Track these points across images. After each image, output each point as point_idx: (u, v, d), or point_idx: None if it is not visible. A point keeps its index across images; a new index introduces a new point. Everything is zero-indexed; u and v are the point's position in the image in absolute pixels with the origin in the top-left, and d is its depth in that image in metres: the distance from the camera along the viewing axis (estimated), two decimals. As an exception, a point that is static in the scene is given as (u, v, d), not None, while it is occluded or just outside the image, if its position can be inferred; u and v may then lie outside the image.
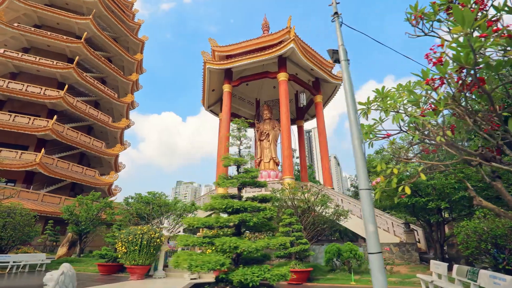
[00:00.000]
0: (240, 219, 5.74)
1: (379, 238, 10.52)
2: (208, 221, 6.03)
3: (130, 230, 10.55)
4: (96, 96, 34.12)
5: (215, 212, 11.67)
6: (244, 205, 6.08)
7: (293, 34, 20.95)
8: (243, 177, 6.82)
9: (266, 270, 4.75)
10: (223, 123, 22.77)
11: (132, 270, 10.44)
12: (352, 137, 3.49)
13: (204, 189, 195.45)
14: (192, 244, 5.87)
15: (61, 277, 5.15)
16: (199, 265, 4.80)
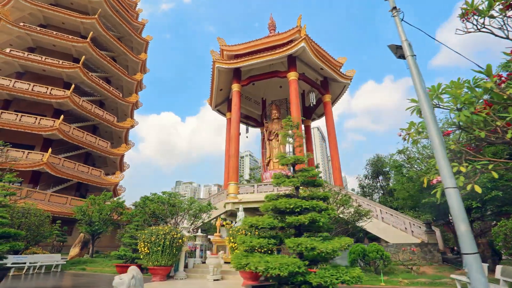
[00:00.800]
0: (310, 219, 5.60)
1: (397, 238, 10.45)
2: (273, 222, 5.85)
3: (152, 230, 10.40)
4: (101, 96, 33.92)
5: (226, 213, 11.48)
6: (313, 205, 5.86)
7: (304, 33, 20.86)
8: (303, 175, 6.57)
9: (344, 272, 4.62)
10: (233, 123, 22.65)
11: (155, 271, 10.30)
12: (431, 138, 3.38)
13: (203, 189, 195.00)
14: (258, 245, 5.65)
15: (132, 281, 5.02)
16: (277, 267, 4.62)
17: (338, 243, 5.04)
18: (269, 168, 24.28)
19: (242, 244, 5.85)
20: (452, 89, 4.57)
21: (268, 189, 19.83)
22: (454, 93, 4.52)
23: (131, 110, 36.75)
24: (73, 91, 28.78)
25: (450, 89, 4.74)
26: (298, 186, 6.65)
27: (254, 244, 5.62)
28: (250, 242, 5.69)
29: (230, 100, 28.40)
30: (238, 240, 6.12)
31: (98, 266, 14.15)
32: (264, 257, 5.11)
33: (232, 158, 21.35)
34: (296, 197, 6.57)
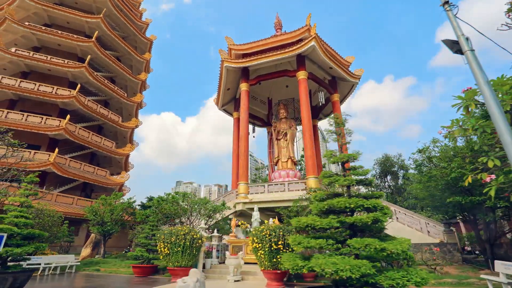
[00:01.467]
0: (373, 218, 5.45)
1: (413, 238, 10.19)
2: (331, 222, 5.69)
3: (172, 230, 10.28)
4: (106, 96, 33.75)
5: (236, 213, 11.27)
6: (374, 204, 5.66)
7: (314, 32, 20.76)
8: (357, 173, 6.36)
9: (414, 273, 4.49)
10: (242, 122, 22.51)
11: (175, 272, 10.18)
12: (500, 134, 3.27)
13: (204, 189, 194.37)
14: (318, 246, 5.48)
15: (196, 284, 4.88)
16: (348, 269, 4.48)
17: (404, 244, 4.92)
18: (277, 168, 24.18)
19: (298, 245, 5.68)
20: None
21: (279, 188, 19.72)
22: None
23: (136, 110, 36.59)
24: (78, 90, 28.59)
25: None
26: (350, 185, 6.42)
27: (312, 245, 5.45)
28: (307, 243, 5.53)
29: (237, 100, 28.33)
30: (291, 241, 5.93)
31: (111, 266, 14.00)
32: (329, 258, 4.97)
33: (242, 158, 21.22)
34: (348, 196, 6.39)
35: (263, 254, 8.86)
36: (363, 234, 6.10)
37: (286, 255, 6.05)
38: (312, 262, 5.12)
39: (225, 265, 12.18)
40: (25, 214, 8.57)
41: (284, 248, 8.88)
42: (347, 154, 6.64)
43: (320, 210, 6.18)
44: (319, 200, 6.81)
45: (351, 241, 5.25)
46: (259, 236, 9.06)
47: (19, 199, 8.97)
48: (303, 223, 5.91)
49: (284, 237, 9.00)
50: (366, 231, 6.19)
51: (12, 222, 8.06)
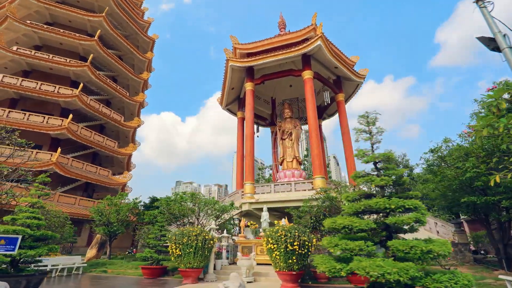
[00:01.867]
0: (415, 219, 5.34)
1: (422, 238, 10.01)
2: (369, 223, 5.55)
3: (183, 231, 10.14)
4: (108, 95, 33.51)
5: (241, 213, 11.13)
6: (415, 204, 5.48)
7: (320, 31, 20.65)
8: (393, 173, 6.17)
9: (461, 276, 4.38)
10: (248, 122, 22.40)
11: (187, 274, 10.03)
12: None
13: (204, 189, 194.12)
14: (358, 248, 5.34)
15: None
16: (395, 272, 4.34)
17: (448, 245, 4.81)
18: (282, 168, 24.05)
19: (335, 247, 5.55)
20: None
21: (285, 188, 19.59)
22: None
23: (138, 110, 36.38)
24: (80, 90, 28.33)
25: None
26: (384, 185, 6.24)
27: (351, 246, 5.32)
28: (345, 245, 5.40)
29: (241, 99, 28.19)
30: (326, 243, 5.80)
31: (118, 268, 13.84)
32: (374, 261, 4.85)
33: (248, 158, 21.09)
34: (381, 196, 6.24)
35: (278, 255, 8.74)
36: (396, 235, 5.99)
37: (318, 257, 5.93)
38: (353, 264, 4.99)
39: (235, 266, 12.05)
40: (37, 215, 8.40)
41: (300, 249, 8.77)
42: (383, 154, 6.48)
43: (356, 210, 6.05)
44: (351, 201, 6.68)
45: (393, 243, 5.12)
46: (274, 236, 8.93)
47: (30, 200, 8.80)
48: (339, 224, 5.77)
49: (300, 237, 8.89)
50: (401, 232, 6.09)
51: (25, 223, 7.89)
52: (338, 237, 5.98)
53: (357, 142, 6.97)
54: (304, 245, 8.87)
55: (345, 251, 5.50)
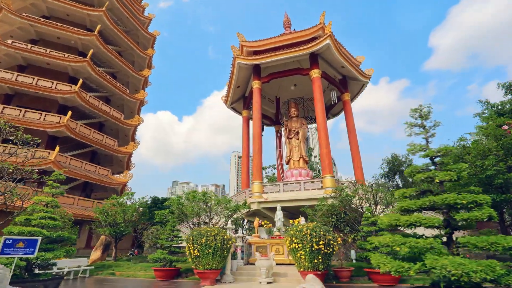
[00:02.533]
0: (488, 214, 5.03)
1: None
2: (439, 220, 5.24)
3: (201, 231, 9.68)
4: (107, 92, 32.66)
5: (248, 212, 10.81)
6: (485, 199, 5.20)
7: (329, 30, 20.43)
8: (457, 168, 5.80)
9: None
10: (255, 121, 22.01)
11: (205, 275, 9.58)
12: None
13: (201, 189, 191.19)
14: (429, 246, 5.00)
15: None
16: (481, 271, 4.02)
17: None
18: (289, 167, 23.72)
19: (402, 246, 5.20)
20: None
21: (294, 187, 19.26)
22: None
23: (139, 107, 35.58)
24: (79, 86, 27.46)
25: None
26: (445, 180, 5.91)
27: (422, 244, 4.99)
28: (415, 243, 5.05)
29: (246, 98, 27.79)
30: (391, 242, 5.44)
31: (126, 270, 13.26)
32: (454, 259, 4.52)
33: (256, 157, 20.67)
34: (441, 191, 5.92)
35: (303, 254, 8.38)
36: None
37: (376, 256, 5.60)
38: (429, 262, 4.65)
39: (251, 267, 11.65)
40: (53, 215, 7.83)
41: (325, 248, 8.43)
42: (443, 147, 6.17)
43: (419, 207, 5.73)
44: (410, 197, 6.36)
45: (469, 239, 4.84)
46: (299, 236, 8.57)
47: (45, 198, 8.22)
48: (404, 221, 5.44)
49: (325, 236, 8.56)
50: (467, 229, 5.81)
51: (40, 224, 7.33)
52: (399, 236, 5.64)
53: (410, 136, 6.63)
54: (329, 244, 8.55)
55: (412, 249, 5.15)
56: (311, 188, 18.70)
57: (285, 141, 24.73)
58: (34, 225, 7.44)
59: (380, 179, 25.95)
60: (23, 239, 6.32)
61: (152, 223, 19.90)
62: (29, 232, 6.78)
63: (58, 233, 7.67)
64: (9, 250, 6.30)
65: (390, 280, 8.69)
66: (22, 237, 6.37)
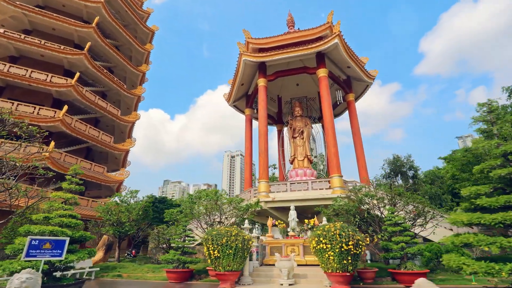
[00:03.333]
0: None
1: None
2: None
3: (220, 231, 9.26)
4: (104, 87, 31.61)
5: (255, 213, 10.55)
6: None
7: (338, 29, 20.30)
8: None
9: None
10: (261, 119, 21.70)
11: (225, 277, 9.16)
12: None
13: (192, 189, 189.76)
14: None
15: None
16: None
17: None
18: (293, 167, 23.47)
19: (492, 245, 4.94)
20: None
21: (301, 187, 19.01)
22: None
23: (136, 103, 34.60)
24: (76, 79, 26.39)
25: None
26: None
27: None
28: (507, 242, 4.79)
29: (249, 96, 27.40)
30: (475, 241, 5.19)
31: (133, 271, 12.66)
32: None
33: (262, 155, 20.32)
34: None
35: (332, 255, 8.09)
36: None
37: (450, 257, 5.34)
38: None
39: (267, 268, 11.31)
40: (73, 213, 7.25)
41: (355, 249, 8.17)
42: None
43: (502, 205, 5.52)
44: (487, 195, 6.14)
45: None
46: (328, 236, 8.27)
47: (63, 195, 7.62)
48: (491, 219, 5.20)
49: (354, 236, 8.30)
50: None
51: (61, 222, 6.74)
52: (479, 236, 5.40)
53: (477, 132, 6.42)
54: (358, 245, 8.30)
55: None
56: (319, 188, 18.50)
57: (289, 140, 24.47)
58: (54, 224, 6.84)
59: (381, 179, 26.01)
60: (50, 240, 5.74)
61: (149, 223, 19.27)
62: (50, 232, 6.21)
63: (80, 232, 7.10)
64: (35, 252, 5.70)
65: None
66: (49, 238, 5.79)
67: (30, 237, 5.80)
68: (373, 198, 11.93)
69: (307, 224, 12.29)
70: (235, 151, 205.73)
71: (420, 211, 11.93)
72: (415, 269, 8.71)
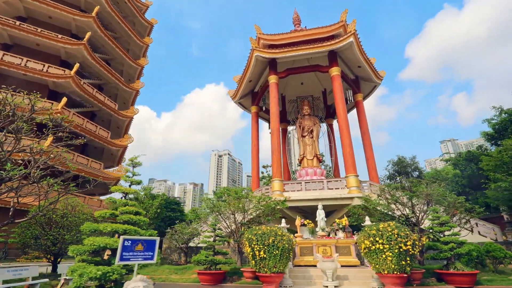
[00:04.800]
0: None
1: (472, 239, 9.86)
2: None
3: (265, 231, 8.83)
4: (101, 80, 30.20)
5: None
6: None
7: (354, 28, 20.28)
8: None
9: None
10: (273, 116, 21.32)
11: (270, 279, 8.73)
12: None
13: (178, 187, 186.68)
14: None
15: None
16: None
17: None
18: (302, 166, 23.26)
19: None
20: None
21: (317, 186, 18.81)
22: None
23: (134, 98, 33.30)
24: (75, 71, 24.95)
25: None
26: None
27: None
28: None
29: (255, 94, 26.97)
30: None
31: (152, 273, 11.96)
32: None
33: (275, 153, 19.97)
34: None
35: (391, 256, 7.84)
36: None
37: None
38: None
39: (302, 269, 10.97)
40: (139, 209, 6.59)
41: (413, 249, 7.97)
42: None
43: None
44: None
45: None
46: (385, 236, 8.02)
47: (128, 190, 6.89)
48: None
49: (411, 236, 8.10)
50: None
51: (130, 220, 6.07)
52: None
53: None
54: (415, 245, 8.10)
55: None
56: (334, 187, 18.38)
57: (298, 139, 24.26)
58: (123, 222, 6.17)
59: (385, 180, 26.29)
60: (142, 240, 5.10)
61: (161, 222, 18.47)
62: (124, 231, 5.56)
63: (149, 231, 6.47)
64: (128, 254, 5.04)
65: (468, 282, 8.42)
66: (141, 238, 5.16)
67: (124, 237, 5.14)
68: (412, 198, 11.78)
69: (338, 224, 12.05)
70: (223, 150, 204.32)
71: (461, 211, 11.93)
72: (465, 269, 8.60)
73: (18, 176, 8.18)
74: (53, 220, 10.78)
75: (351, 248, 11.56)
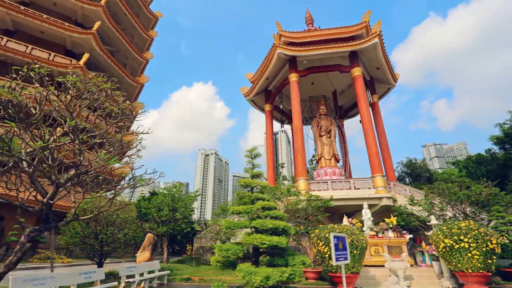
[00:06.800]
0: None
1: None
2: None
3: (341, 229, 8.54)
4: (105, 72, 28.60)
5: None
6: None
7: (379, 29, 20.46)
8: None
9: None
10: (295, 114, 21.16)
11: (349, 280, 8.40)
12: None
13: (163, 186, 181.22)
14: None
15: None
16: None
17: None
18: (319, 166, 23.16)
19: None
20: None
21: (343, 186, 18.78)
22: None
23: (138, 92, 31.96)
24: (85, 61, 23.51)
25: None
26: None
27: None
28: None
29: (268, 92, 26.66)
30: None
31: (196, 273, 11.36)
32: None
33: (300, 152, 19.75)
34: None
35: (478, 254, 7.77)
36: None
37: None
38: None
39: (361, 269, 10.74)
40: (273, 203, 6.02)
41: (497, 247, 7.96)
42: None
43: None
44: None
45: None
46: (470, 234, 7.96)
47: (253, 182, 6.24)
48: None
49: (494, 235, 8.11)
50: None
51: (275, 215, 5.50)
52: None
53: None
54: (498, 243, 8.09)
55: None
56: (361, 187, 18.39)
57: (316, 139, 24.13)
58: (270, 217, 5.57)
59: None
60: (340, 238, 4.55)
61: None
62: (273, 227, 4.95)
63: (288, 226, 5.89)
64: (340, 254, 4.47)
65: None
66: (339, 234, 4.60)
67: (333, 234, 4.57)
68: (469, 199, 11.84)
69: (387, 223, 11.96)
70: (210, 149, 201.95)
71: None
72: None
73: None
74: (105, 219, 9.86)
75: (403, 248, 11.50)
